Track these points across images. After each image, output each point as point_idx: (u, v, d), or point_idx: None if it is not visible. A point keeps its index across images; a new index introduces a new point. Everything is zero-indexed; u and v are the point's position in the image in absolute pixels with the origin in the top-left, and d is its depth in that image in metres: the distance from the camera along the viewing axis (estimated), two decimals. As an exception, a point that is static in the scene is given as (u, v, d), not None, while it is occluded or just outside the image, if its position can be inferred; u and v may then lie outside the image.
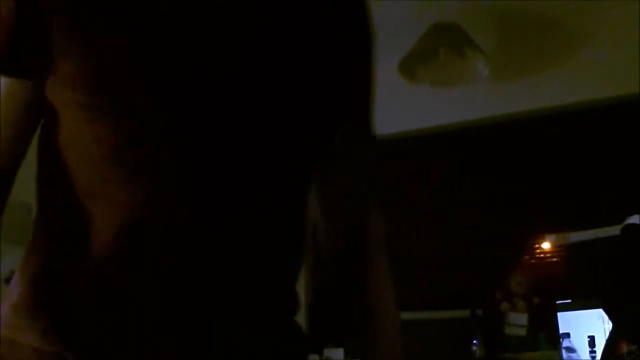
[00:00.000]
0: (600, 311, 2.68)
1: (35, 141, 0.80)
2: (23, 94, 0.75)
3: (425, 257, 3.63)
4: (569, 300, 3.16)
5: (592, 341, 2.88)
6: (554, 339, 3.12)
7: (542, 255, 3.56)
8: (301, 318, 0.91)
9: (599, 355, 2.74)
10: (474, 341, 3.29)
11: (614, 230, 2.60)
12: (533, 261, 3.56)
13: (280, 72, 0.76)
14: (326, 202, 0.89)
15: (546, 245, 3.53)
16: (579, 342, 2.98)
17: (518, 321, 3.29)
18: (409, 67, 3.40)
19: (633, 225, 2.39)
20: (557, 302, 3.17)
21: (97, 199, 0.73)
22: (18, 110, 0.76)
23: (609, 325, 2.57)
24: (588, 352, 2.89)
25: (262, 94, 0.75)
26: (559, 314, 3.11)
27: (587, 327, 2.95)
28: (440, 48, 3.31)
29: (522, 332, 3.27)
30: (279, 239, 0.79)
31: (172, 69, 0.71)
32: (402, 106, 3.79)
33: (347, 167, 0.93)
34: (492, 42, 3.55)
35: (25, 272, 0.78)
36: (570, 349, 3.02)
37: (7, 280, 2.82)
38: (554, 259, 3.52)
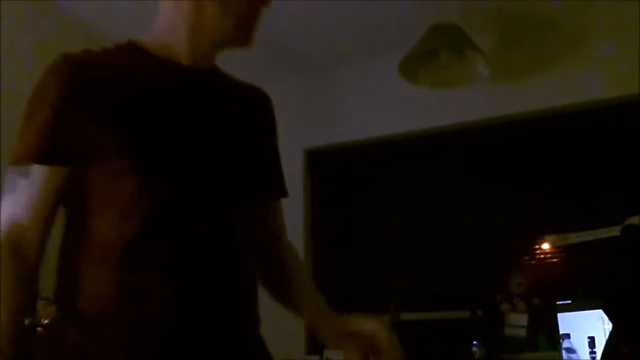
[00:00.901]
0: (600, 312, 2.68)
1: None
2: (53, 181, 1.04)
3: (425, 258, 3.63)
4: (569, 301, 3.16)
5: (592, 342, 2.88)
6: (554, 339, 3.11)
7: (542, 256, 3.56)
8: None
9: (599, 356, 2.74)
10: (474, 342, 3.28)
11: (614, 231, 2.60)
12: (533, 262, 3.56)
13: (221, 155, 1.14)
14: (258, 241, 1.25)
15: (546, 246, 3.53)
16: (579, 343, 2.98)
17: (518, 322, 3.28)
18: (409, 67, 3.41)
19: (633, 225, 2.39)
20: (557, 302, 3.16)
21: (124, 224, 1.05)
22: (51, 192, 1.05)
23: (608, 326, 2.57)
24: (588, 353, 2.89)
25: (212, 166, 1.12)
26: (559, 315, 3.10)
27: (587, 327, 2.95)
28: (440, 49, 3.32)
29: (522, 332, 3.26)
30: (230, 253, 1.13)
31: (171, 156, 1.08)
32: (402, 106, 3.79)
33: (271, 217, 1.30)
34: (492, 42, 3.56)
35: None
36: (570, 350, 3.01)
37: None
38: (554, 260, 3.52)
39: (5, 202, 1.03)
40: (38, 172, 1.03)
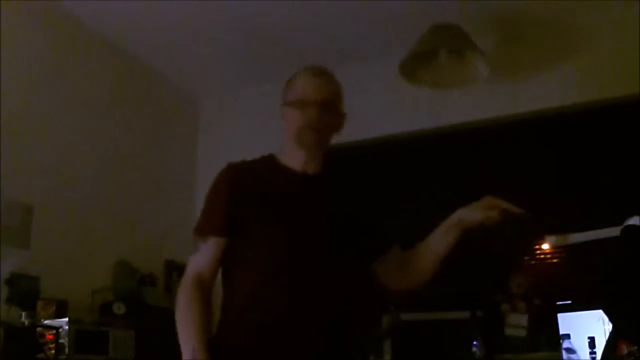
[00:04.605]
0: (601, 312, 2.68)
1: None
2: (220, 246, 1.67)
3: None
4: (569, 301, 3.16)
5: (592, 342, 2.88)
6: (554, 340, 3.12)
7: (542, 256, 3.56)
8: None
9: (599, 356, 2.74)
10: (474, 342, 3.29)
11: (614, 231, 2.60)
12: (533, 262, 3.56)
13: (335, 235, 1.72)
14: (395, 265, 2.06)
15: (546, 246, 3.53)
16: (579, 343, 2.98)
17: (518, 322, 3.29)
18: (409, 68, 3.41)
19: (633, 226, 2.39)
20: (557, 303, 3.16)
21: (255, 287, 1.63)
22: (219, 252, 1.68)
23: (609, 326, 2.57)
24: (588, 353, 2.89)
25: (327, 245, 1.69)
26: (559, 315, 3.10)
27: (587, 328, 2.95)
28: (440, 49, 3.32)
29: (522, 333, 3.26)
30: (338, 297, 1.72)
31: (289, 233, 1.65)
32: (402, 106, 3.79)
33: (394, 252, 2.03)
34: (492, 43, 3.56)
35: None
36: (571, 350, 3.02)
37: (8, 281, 2.80)
38: (554, 260, 3.52)
39: (194, 257, 1.69)
40: (213, 240, 1.68)
